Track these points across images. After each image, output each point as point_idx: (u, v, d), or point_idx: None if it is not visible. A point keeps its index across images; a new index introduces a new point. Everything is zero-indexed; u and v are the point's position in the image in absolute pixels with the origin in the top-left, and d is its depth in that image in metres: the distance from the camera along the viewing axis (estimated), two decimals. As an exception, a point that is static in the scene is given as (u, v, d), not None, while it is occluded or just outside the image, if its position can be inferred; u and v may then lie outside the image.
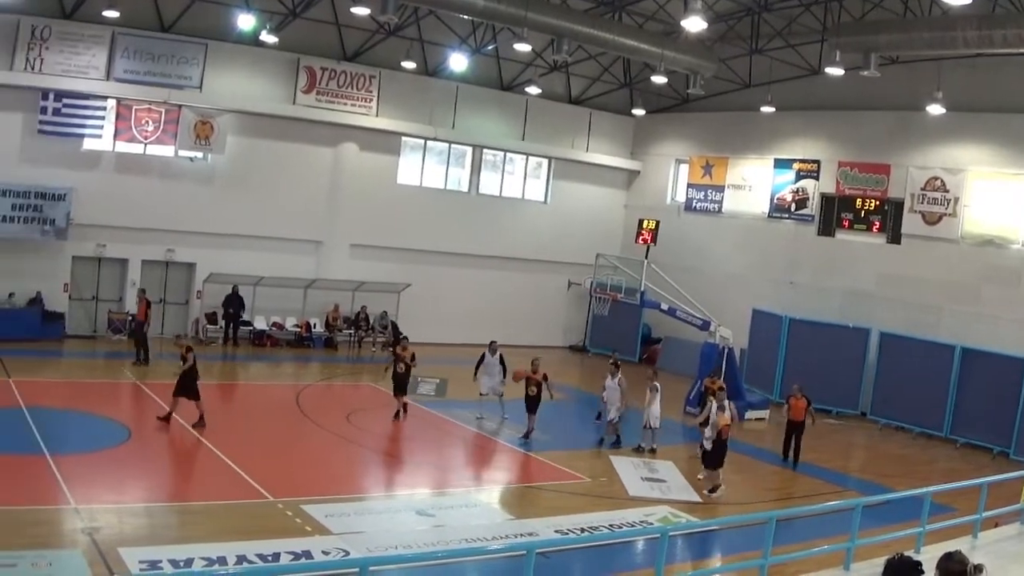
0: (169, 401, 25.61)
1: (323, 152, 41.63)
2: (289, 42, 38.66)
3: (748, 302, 40.00)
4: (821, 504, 21.05)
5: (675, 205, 47.38)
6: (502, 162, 47.36)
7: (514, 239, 46.66)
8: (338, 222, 42.05)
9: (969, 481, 19.23)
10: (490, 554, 17.75)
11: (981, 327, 34.34)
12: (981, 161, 35.58)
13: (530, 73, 44.09)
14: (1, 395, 26.53)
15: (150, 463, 22.67)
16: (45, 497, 18.63)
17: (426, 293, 43.24)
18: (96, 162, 36.95)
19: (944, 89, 33.82)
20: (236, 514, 19.32)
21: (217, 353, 37.53)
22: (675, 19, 36.02)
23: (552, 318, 48.47)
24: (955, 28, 30.45)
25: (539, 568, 12.09)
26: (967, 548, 13.97)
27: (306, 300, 41.40)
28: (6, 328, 33.99)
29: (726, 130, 45.01)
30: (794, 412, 28.52)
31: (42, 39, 34.80)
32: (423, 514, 20.74)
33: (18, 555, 15.52)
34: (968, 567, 8.99)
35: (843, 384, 36.64)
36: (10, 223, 34.93)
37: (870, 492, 24.41)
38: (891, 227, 38.47)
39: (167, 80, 37.32)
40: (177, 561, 16.05)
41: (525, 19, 33.90)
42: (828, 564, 16.03)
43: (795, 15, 37.60)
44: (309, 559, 16.87)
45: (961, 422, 33.50)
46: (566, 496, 23.09)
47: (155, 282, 39.06)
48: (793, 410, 28.57)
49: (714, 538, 20.71)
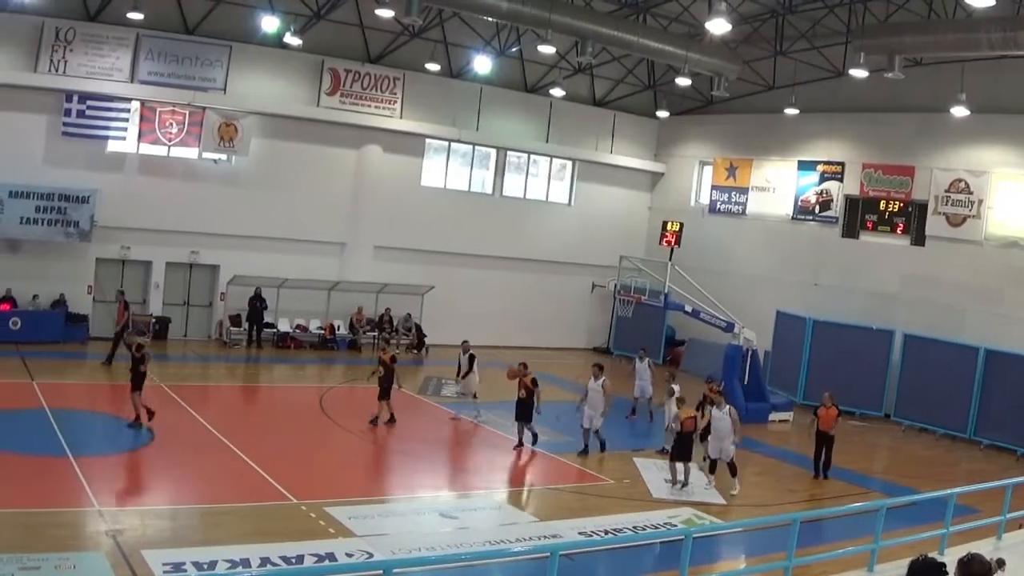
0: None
1: (347, 154, 41.71)
2: (313, 44, 38.72)
3: (772, 304, 39.89)
4: (845, 506, 20.95)
5: (699, 207, 47.30)
6: (526, 164, 47.34)
7: (538, 241, 46.64)
8: (362, 224, 42.11)
9: (993, 483, 19.15)
10: (514, 556, 17.76)
11: (1005, 329, 34.18)
12: (1005, 163, 35.40)
13: (554, 75, 44.06)
14: (25, 397, 26.66)
15: (173, 465, 22.73)
16: (68, 499, 18.71)
17: (450, 295, 43.25)
18: (120, 164, 37.11)
19: (968, 91, 33.66)
20: (260, 516, 19.36)
21: (241, 355, 37.65)
22: (699, 21, 35.96)
23: (576, 320, 48.46)
24: (979, 30, 30.32)
25: (563, 570, 12.07)
26: (991, 549, 13.90)
27: (330, 302, 41.50)
28: (30, 330, 34.22)
29: (750, 132, 44.93)
30: (823, 422, 26.80)
31: (66, 41, 34.96)
32: (446, 516, 20.77)
33: (42, 557, 15.58)
34: (991, 563, 8.98)
35: (867, 386, 36.50)
36: (34, 225, 35.09)
37: (894, 494, 24.32)
38: (915, 229, 38.31)
39: (191, 82, 37.46)
40: (201, 563, 16.10)
41: (549, 21, 33.89)
42: (852, 566, 16.00)
43: (819, 17, 37.45)
44: (333, 561, 16.90)
45: (985, 424, 33.34)
46: (590, 498, 23.06)
47: (179, 284, 39.31)
48: (822, 420, 26.83)
49: (738, 540, 20.65)
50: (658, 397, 31.28)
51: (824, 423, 26.74)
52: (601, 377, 27.10)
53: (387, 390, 27.91)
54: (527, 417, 27.05)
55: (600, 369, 27.55)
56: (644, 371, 32.94)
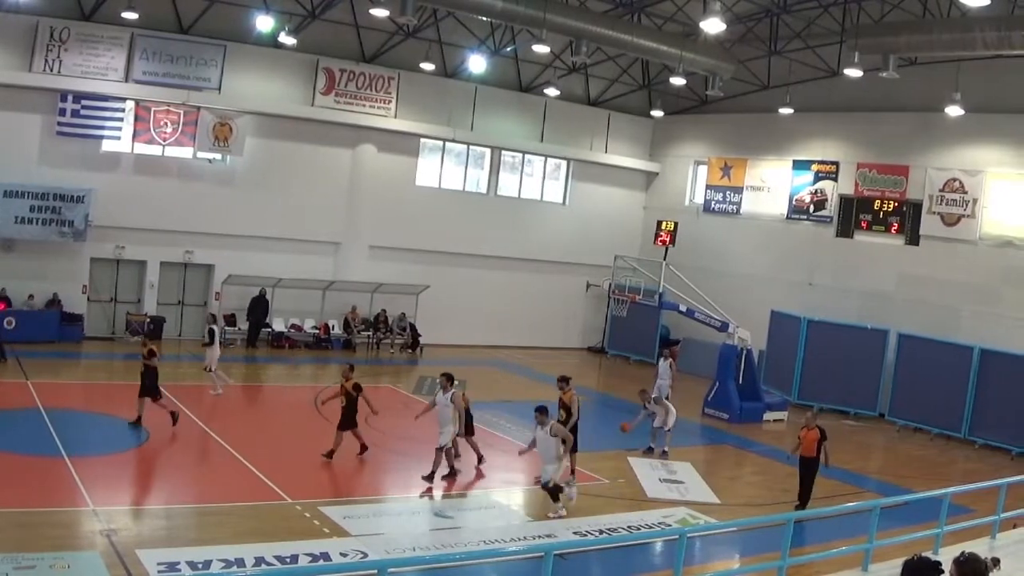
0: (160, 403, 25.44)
1: (342, 154, 41.70)
2: (308, 44, 38.73)
3: (767, 303, 39.90)
4: (839, 505, 20.96)
5: (694, 206, 47.32)
6: (521, 163, 47.37)
7: (533, 241, 46.65)
8: (357, 223, 42.12)
9: (988, 482, 19.18)
10: (508, 556, 17.78)
11: (1000, 328, 34.25)
12: (1000, 162, 35.45)
13: (549, 75, 44.12)
14: (20, 397, 26.65)
15: (168, 465, 22.75)
16: (63, 499, 18.71)
17: (445, 295, 43.28)
18: (115, 164, 37.09)
19: (963, 90, 33.74)
20: (254, 516, 19.35)
21: (236, 355, 37.62)
22: (694, 20, 35.95)
23: (571, 320, 48.50)
24: (974, 29, 30.32)
25: (557, 570, 12.09)
26: (985, 549, 13.93)
27: (325, 302, 41.48)
28: (25, 330, 34.13)
29: (745, 131, 44.96)
30: (805, 446, 23.36)
31: (61, 41, 34.94)
32: (441, 516, 20.81)
33: (37, 557, 15.58)
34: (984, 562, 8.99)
35: (861, 385, 36.61)
36: (29, 225, 35.06)
37: (888, 493, 24.38)
38: (909, 228, 38.36)
39: (186, 82, 37.43)
40: (195, 563, 16.11)
41: (544, 21, 33.86)
42: (846, 565, 16.03)
43: (814, 16, 37.48)
44: (327, 561, 16.93)
45: (980, 423, 33.40)
46: (584, 497, 23.01)
47: (173, 284, 39.30)
48: (804, 444, 23.38)
49: (732, 540, 20.63)
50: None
51: (806, 447, 23.35)
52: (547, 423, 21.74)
53: (350, 420, 24.52)
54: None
55: (544, 413, 21.83)
56: (665, 371, 32.90)
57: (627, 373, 42.50)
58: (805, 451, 23.26)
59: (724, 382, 34.26)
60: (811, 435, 23.15)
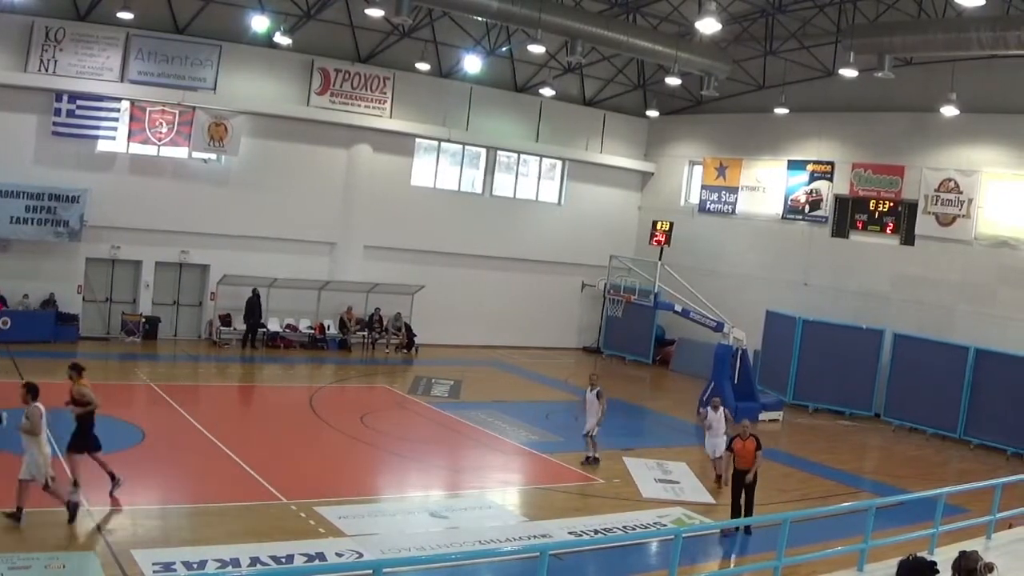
0: None
1: (337, 154, 41.66)
2: (303, 44, 38.68)
3: (762, 304, 39.90)
4: (835, 505, 20.96)
5: (689, 207, 47.31)
6: (516, 164, 47.31)
7: (528, 241, 46.63)
8: (352, 224, 42.07)
9: (983, 482, 19.21)
10: (504, 556, 17.79)
11: (995, 328, 34.27)
12: (995, 162, 35.44)
13: (544, 75, 44.06)
14: (14, 397, 26.56)
15: (164, 465, 22.68)
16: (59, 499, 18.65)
17: (440, 295, 43.21)
18: (110, 164, 37.03)
19: (958, 90, 33.72)
20: (250, 516, 19.35)
21: (232, 355, 37.60)
22: (689, 21, 36.01)
23: (566, 320, 48.45)
24: (969, 29, 30.33)
25: (553, 570, 12.10)
26: (981, 549, 13.93)
27: (320, 302, 41.42)
28: (20, 330, 34.10)
29: (740, 132, 44.96)
30: (740, 458, 21.22)
31: (56, 41, 34.89)
32: (437, 516, 20.76)
33: (32, 557, 15.59)
34: (979, 565, 9.03)
35: (857, 385, 36.60)
36: (24, 225, 34.99)
37: (884, 493, 24.41)
38: (905, 228, 38.34)
39: (181, 82, 37.39)
40: (191, 563, 16.11)
41: (539, 21, 33.87)
42: (842, 565, 16.04)
43: (809, 17, 37.53)
44: (323, 561, 16.93)
45: (975, 423, 33.38)
46: (580, 498, 23.07)
47: (169, 284, 39.22)
48: (739, 456, 21.24)
49: (728, 539, 20.65)
50: None
51: (741, 459, 21.22)
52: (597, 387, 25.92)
53: (84, 441, 19.67)
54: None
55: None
56: (719, 423, 25.95)
57: (622, 373, 42.52)
58: (740, 462, 21.15)
59: (719, 382, 34.19)
60: (748, 445, 21.13)
